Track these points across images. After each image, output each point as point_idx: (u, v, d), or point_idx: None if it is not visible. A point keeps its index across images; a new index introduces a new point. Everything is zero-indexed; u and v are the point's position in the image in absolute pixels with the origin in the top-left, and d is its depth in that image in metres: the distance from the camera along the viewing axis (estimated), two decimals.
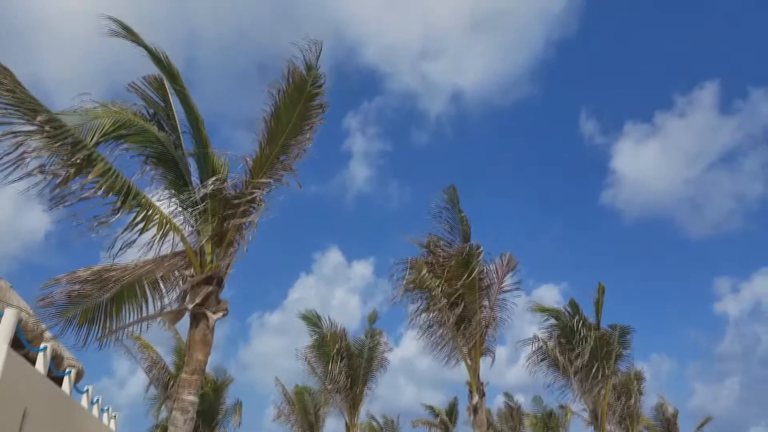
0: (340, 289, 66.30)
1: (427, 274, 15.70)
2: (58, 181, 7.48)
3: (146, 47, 9.30)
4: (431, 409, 40.58)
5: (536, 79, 70.83)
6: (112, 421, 23.01)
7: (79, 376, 17.86)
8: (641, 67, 72.60)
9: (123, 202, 8.24)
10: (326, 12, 64.78)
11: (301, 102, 9.81)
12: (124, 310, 10.34)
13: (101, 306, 10.10)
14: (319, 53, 9.37)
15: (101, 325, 10.25)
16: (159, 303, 10.43)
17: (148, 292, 10.36)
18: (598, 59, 73.04)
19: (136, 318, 10.40)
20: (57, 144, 7.38)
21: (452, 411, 40.25)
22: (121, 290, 9.98)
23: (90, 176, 7.68)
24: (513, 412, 38.09)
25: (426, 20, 70.87)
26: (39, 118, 7.13)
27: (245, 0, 65.58)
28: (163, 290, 10.44)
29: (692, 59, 70.40)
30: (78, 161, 7.58)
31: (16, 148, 7.04)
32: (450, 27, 70.52)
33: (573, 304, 19.06)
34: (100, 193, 7.85)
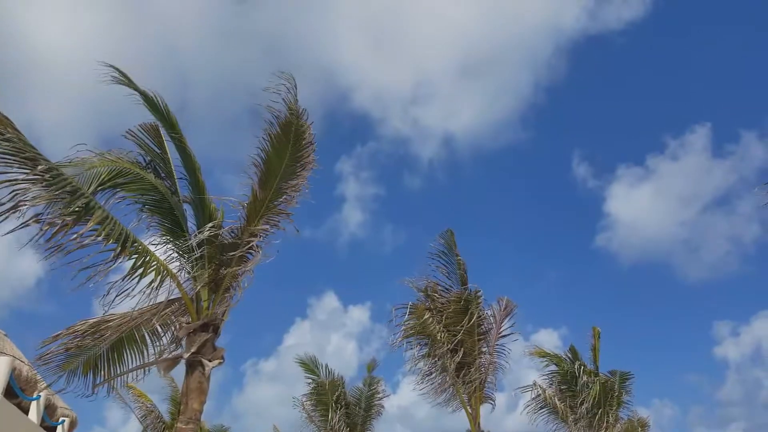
0: (336, 334, 65.53)
1: (429, 319, 15.58)
2: (55, 230, 7.46)
3: (144, 95, 9.45)
4: None
5: (527, 124, 71.86)
6: None
7: (72, 425, 17.55)
8: (632, 110, 73.78)
9: (122, 249, 8.19)
10: (317, 58, 66.06)
11: (290, 143, 9.80)
12: (121, 358, 10.27)
13: (101, 355, 10.04)
14: (295, 88, 9.35)
15: (102, 374, 10.18)
16: (155, 350, 10.35)
17: (147, 338, 10.29)
18: (588, 103, 74.21)
19: (132, 366, 10.30)
20: (57, 192, 7.40)
21: None
22: (119, 339, 9.92)
23: (89, 223, 7.65)
24: None
25: (415, 66, 72.33)
26: (40, 167, 7.19)
27: (237, 45, 66.95)
28: (160, 337, 10.37)
29: (683, 102, 71.56)
30: (77, 209, 7.59)
31: (13, 197, 7.04)
32: (439, 72, 71.91)
33: (573, 350, 18.87)
34: (100, 239, 7.80)
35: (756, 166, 61.71)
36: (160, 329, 10.32)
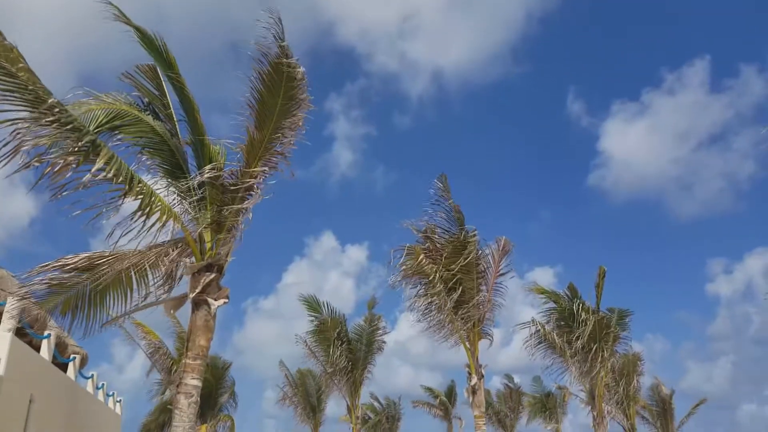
0: (333, 272, 66.38)
1: (424, 260, 15.90)
2: (57, 168, 7.34)
3: (142, 32, 9.23)
4: (431, 390, 41.01)
5: (519, 58, 69.73)
6: (118, 405, 23.31)
7: (83, 362, 18.07)
8: (628, 43, 71.56)
9: (130, 189, 8.19)
10: None
11: (283, 81, 9.30)
12: (120, 297, 10.22)
13: (96, 292, 9.99)
14: (281, 24, 8.74)
15: (102, 311, 10.25)
16: (155, 290, 10.34)
17: (150, 277, 10.30)
18: (583, 34, 71.99)
19: (137, 305, 10.44)
20: (66, 129, 7.29)
21: (451, 393, 40.65)
22: (118, 277, 9.94)
23: (99, 161, 7.60)
24: (512, 394, 38.54)
25: None
26: (51, 100, 7.06)
27: None
28: (163, 277, 10.46)
29: (682, 35, 69.49)
30: (83, 148, 7.50)
31: (15, 136, 6.94)
32: (427, 4, 68.93)
33: (572, 288, 19.20)
34: (109, 177, 7.76)
35: (754, 101, 60.81)
36: (162, 270, 10.34)
